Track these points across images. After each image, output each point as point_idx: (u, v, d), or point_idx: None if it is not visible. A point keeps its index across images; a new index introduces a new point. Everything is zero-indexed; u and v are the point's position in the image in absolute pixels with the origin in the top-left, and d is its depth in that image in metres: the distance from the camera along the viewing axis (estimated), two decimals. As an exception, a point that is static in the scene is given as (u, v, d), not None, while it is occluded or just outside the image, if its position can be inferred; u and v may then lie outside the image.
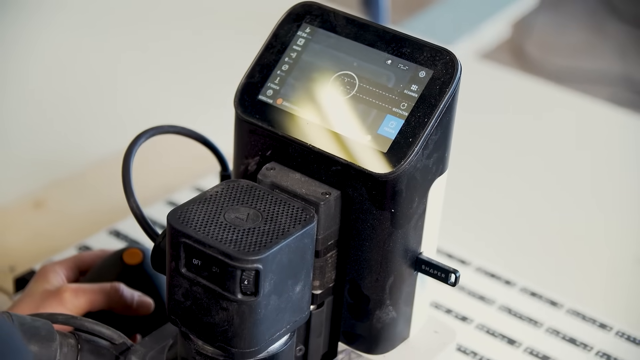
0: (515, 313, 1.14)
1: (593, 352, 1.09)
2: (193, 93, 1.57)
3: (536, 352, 1.08)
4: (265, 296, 0.77)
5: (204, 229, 0.77)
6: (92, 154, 1.40)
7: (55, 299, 0.93)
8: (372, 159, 0.82)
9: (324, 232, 0.84)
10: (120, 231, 1.22)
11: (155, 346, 0.87)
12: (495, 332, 1.11)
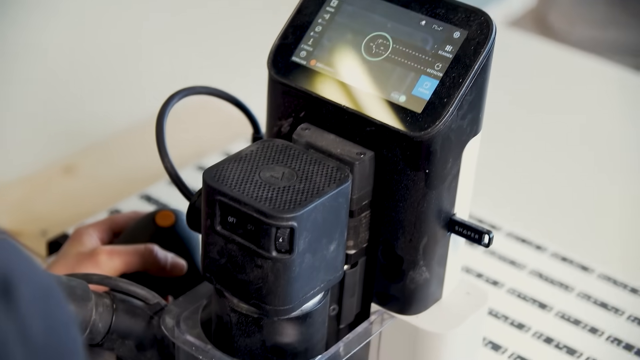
0: (546, 278, 1.14)
1: (624, 316, 1.09)
2: (221, 58, 1.57)
3: (567, 316, 1.09)
4: (299, 254, 0.77)
5: (240, 187, 0.78)
6: (121, 121, 1.41)
7: (90, 261, 0.94)
8: (406, 119, 0.83)
9: (359, 192, 0.84)
10: (151, 195, 1.23)
11: (189, 306, 0.88)
12: (527, 297, 1.11)
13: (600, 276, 1.15)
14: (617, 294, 1.12)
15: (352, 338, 0.87)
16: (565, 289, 1.13)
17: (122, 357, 0.89)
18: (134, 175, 1.30)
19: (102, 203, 1.23)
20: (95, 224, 1.00)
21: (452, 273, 0.90)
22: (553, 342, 1.06)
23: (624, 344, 1.06)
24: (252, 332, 0.83)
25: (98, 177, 1.30)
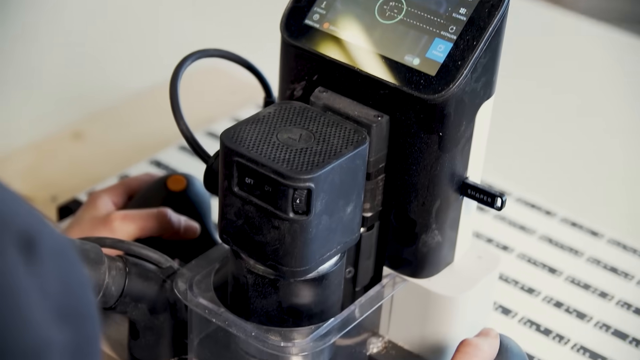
0: (556, 243, 1.15)
1: (634, 281, 1.10)
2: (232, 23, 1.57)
3: (577, 280, 1.10)
4: (316, 215, 0.78)
5: (257, 148, 0.79)
6: (129, 87, 1.41)
7: (105, 227, 0.94)
8: (420, 82, 0.83)
9: (375, 155, 0.85)
10: (160, 161, 1.24)
11: (201, 270, 0.89)
12: (536, 262, 1.12)
13: (610, 241, 1.15)
14: (627, 259, 1.13)
15: (365, 301, 0.87)
16: (575, 254, 1.14)
17: (135, 321, 0.89)
18: (143, 141, 1.30)
19: (112, 169, 1.23)
20: (109, 189, 1.01)
21: (464, 237, 0.91)
22: (563, 306, 1.06)
23: (634, 308, 1.07)
24: (268, 293, 0.83)
25: (107, 143, 1.30)
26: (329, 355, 0.89)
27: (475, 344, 0.82)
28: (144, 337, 0.90)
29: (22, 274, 0.49)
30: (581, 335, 1.03)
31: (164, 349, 0.91)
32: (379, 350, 0.93)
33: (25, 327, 0.49)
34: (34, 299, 0.49)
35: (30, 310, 0.49)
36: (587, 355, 1.00)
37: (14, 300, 0.48)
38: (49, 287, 0.50)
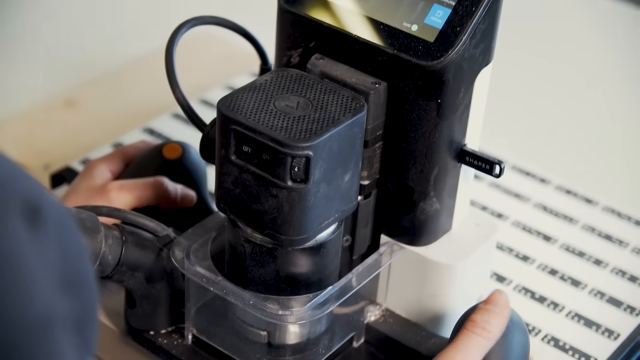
0: (550, 210, 1.14)
1: (629, 248, 1.10)
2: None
3: (572, 248, 1.09)
4: (315, 184, 0.77)
5: (255, 116, 0.78)
6: (121, 55, 1.40)
7: (101, 197, 0.93)
8: (418, 49, 0.82)
9: (373, 122, 0.84)
10: (154, 129, 1.23)
11: (198, 239, 0.88)
12: (531, 229, 1.11)
13: (605, 208, 1.15)
14: (622, 226, 1.13)
15: (362, 269, 0.87)
16: (569, 221, 1.13)
17: (132, 290, 0.89)
18: (136, 109, 1.29)
19: (105, 137, 1.22)
20: (106, 157, 1.00)
21: (461, 204, 0.90)
22: (557, 273, 1.06)
23: (629, 276, 1.06)
24: (266, 262, 0.83)
25: (99, 111, 1.29)
26: (326, 323, 0.88)
27: (482, 325, 0.80)
28: (141, 306, 0.89)
29: (26, 242, 0.48)
30: (576, 303, 1.03)
31: (161, 317, 0.90)
32: (376, 318, 0.92)
33: (29, 297, 0.48)
34: (37, 267, 0.49)
35: (34, 279, 0.48)
36: (582, 323, 1.00)
37: (18, 269, 0.48)
38: (51, 256, 0.50)
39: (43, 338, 0.48)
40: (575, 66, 1.45)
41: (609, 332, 0.99)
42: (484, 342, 0.79)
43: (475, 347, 0.79)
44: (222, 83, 1.31)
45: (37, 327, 0.48)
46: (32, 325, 0.48)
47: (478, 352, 0.79)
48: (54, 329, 0.49)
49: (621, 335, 0.99)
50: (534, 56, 1.46)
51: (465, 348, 0.79)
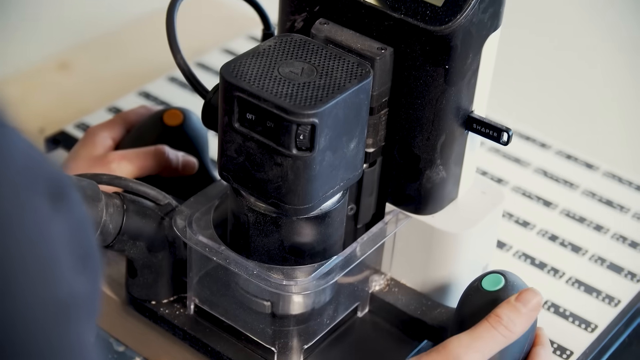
0: (551, 175, 1.12)
1: (630, 214, 1.08)
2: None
3: (572, 213, 1.08)
4: (320, 152, 0.75)
5: (259, 82, 0.75)
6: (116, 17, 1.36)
7: (102, 168, 0.91)
8: (426, 13, 0.79)
9: (379, 89, 0.81)
10: (150, 92, 1.20)
11: (200, 207, 0.85)
12: (531, 195, 1.10)
13: (606, 174, 1.13)
14: (622, 192, 1.11)
15: (368, 238, 0.84)
16: (570, 187, 1.11)
17: (133, 259, 0.86)
18: (131, 72, 1.26)
19: (100, 100, 1.20)
20: (107, 124, 0.97)
21: (468, 172, 0.88)
22: (558, 239, 1.04)
23: (630, 242, 1.05)
24: (270, 232, 0.80)
25: (94, 74, 1.26)
26: (330, 293, 0.86)
27: (506, 323, 0.76)
28: (142, 276, 0.87)
29: (51, 222, 0.47)
30: (576, 269, 1.01)
31: (162, 287, 0.88)
32: (381, 287, 0.90)
33: (56, 278, 0.47)
34: (61, 248, 0.47)
35: (59, 260, 0.47)
36: (582, 289, 0.99)
37: (45, 251, 0.46)
38: (69, 235, 0.49)
39: (67, 319, 0.47)
40: (578, 31, 1.42)
41: (609, 298, 0.98)
42: (502, 341, 0.76)
43: (493, 343, 0.76)
44: (219, 46, 1.28)
45: (62, 308, 0.47)
46: (58, 307, 0.47)
47: (494, 349, 0.76)
48: (77, 309, 0.48)
49: (622, 301, 0.98)
50: (533, 21, 1.43)
51: (482, 341, 0.75)
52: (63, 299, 0.47)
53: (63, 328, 0.47)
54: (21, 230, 0.45)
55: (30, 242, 0.46)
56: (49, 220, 0.47)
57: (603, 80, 1.33)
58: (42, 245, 0.46)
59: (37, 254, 0.46)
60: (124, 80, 1.24)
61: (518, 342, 0.79)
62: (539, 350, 0.79)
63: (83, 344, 0.49)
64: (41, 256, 0.46)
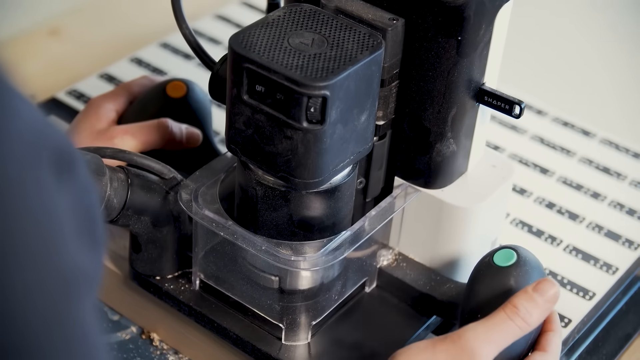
0: (547, 143, 1.11)
1: (627, 181, 1.07)
2: None
3: (569, 181, 1.06)
4: (331, 125, 0.72)
5: (268, 53, 0.72)
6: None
7: (106, 143, 0.89)
8: (438, -17, 0.76)
9: (390, 60, 0.78)
10: (142, 59, 1.17)
11: (205, 181, 0.83)
12: (528, 162, 1.08)
13: (603, 141, 1.11)
14: (619, 159, 1.10)
15: (377, 213, 0.82)
16: (567, 154, 1.09)
17: (137, 234, 0.84)
18: (122, 38, 1.23)
19: (91, 67, 1.17)
20: (110, 95, 0.94)
21: (477, 145, 0.86)
22: (555, 207, 1.03)
23: (627, 209, 1.04)
24: (279, 206, 0.78)
25: (85, 40, 1.23)
26: (339, 268, 0.83)
27: (523, 315, 0.73)
28: (147, 251, 0.84)
29: (56, 193, 0.45)
30: (574, 237, 1.00)
31: (167, 262, 0.85)
32: (389, 262, 0.88)
33: (60, 253, 0.45)
34: (66, 221, 0.46)
35: (64, 234, 0.45)
36: (580, 257, 0.98)
37: (50, 223, 0.45)
38: (76, 208, 0.47)
39: (69, 293, 0.46)
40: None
41: (607, 266, 0.97)
42: (517, 332, 0.74)
43: (508, 334, 0.73)
44: (213, 12, 1.24)
45: (65, 282, 0.45)
46: (60, 281, 0.45)
47: (508, 340, 0.73)
48: (79, 283, 0.46)
49: (619, 269, 0.97)
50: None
51: (498, 332, 0.73)
52: (66, 273, 0.45)
53: (65, 303, 0.45)
54: (25, 203, 0.43)
55: (34, 215, 0.44)
56: (53, 191, 0.45)
57: (600, 47, 1.30)
58: (45, 218, 0.44)
59: (40, 227, 0.44)
60: (116, 46, 1.21)
61: None
62: (550, 336, 0.77)
63: (84, 318, 0.47)
64: (44, 229, 0.44)
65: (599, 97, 1.21)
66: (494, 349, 0.72)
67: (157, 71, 1.15)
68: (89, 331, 0.47)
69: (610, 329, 0.92)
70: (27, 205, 0.43)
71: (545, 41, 1.29)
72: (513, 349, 0.76)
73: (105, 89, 1.12)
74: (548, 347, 0.76)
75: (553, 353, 0.76)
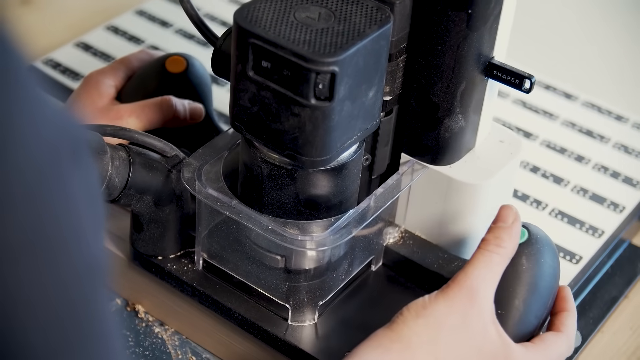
0: (530, 106, 1.08)
1: (610, 144, 1.05)
2: None
3: (553, 144, 1.05)
4: (339, 101, 0.69)
5: (275, 28, 0.69)
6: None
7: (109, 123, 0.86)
8: (447, -46, 0.72)
9: (398, 34, 0.75)
10: (118, 27, 1.14)
11: (209, 159, 0.79)
12: (511, 126, 1.06)
13: (585, 104, 1.09)
14: (602, 121, 1.08)
15: (384, 190, 0.78)
16: (549, 117, 1.07)
17: (139, 214, 0.80)
18: (96, 6, 1.20)
19: (65, 35, 1.13)
20: (109, 70, 0.90)
21: (485, 121, 0.82)
22: (539, 170, 1.01)
23: (611, 172, 1.02)
24: (285, 184, 0.74)
25: (57, 8, 1.19)
26: (345, 246, 0.80)
27: (495, 242, 0.73)
28: (149, 231, 0.81)
29: (76, 186, 0.43)
30: (559, 200, 0.98)
31: (169, 242, 0.82)
32: (395, 240, 0.84)
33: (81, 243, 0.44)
34: (83, 212, 0.44)
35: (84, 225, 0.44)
36: (566, 221, 0.96)
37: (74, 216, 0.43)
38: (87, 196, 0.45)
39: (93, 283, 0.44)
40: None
41: (593, 229, 0.95)
42: (499, 259, 0.73)
43: (492, 264, 0.73)
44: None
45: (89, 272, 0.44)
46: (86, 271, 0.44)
47: (496, 269, 0.73)
48: (99, 272, 0.45)
49: (605, 232, 0.95)
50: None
51: (482, 265, 0.73)
52: (89, 263, 0.44)
53: (90, 293, 0.44)
54: (55, 195, 0.42)
55: (62, 205, 0.42)
56: (74, 181, 0.43)
57: (580, 10, 1.26)
58: (72, 209, 0.43)
59: (68, 217, 0.43)
60: (89, 14, 1.18)
61: (541, 296, 0.74)
62: (564, 316, 0.75)
63: (104, 307, 0.46)
64: (71, 220, 0.43)
65: (580, 60, 1.17)
66: (491, 283, 0.72)
67: (134, 39, 1.12)
68: (108, 320, 0.46)
69: (597, 292, 0.91)
70: (57, 197, 0.42)
71: (524, 5, 1.25)
72: (524, 328, 0.74)
73: (82, 58, 1.09)
74: (562, 327, 0.74)
75: (568, 334, 0.74)
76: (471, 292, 0.71)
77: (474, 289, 0.71)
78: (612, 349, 0.87)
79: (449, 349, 0.70)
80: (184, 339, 0.85)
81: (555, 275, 0.77)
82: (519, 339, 0.74)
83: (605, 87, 1.13)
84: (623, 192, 0.98)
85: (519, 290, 0.74)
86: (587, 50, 1.20)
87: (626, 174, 1.01)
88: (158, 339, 0.84)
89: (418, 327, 0.70)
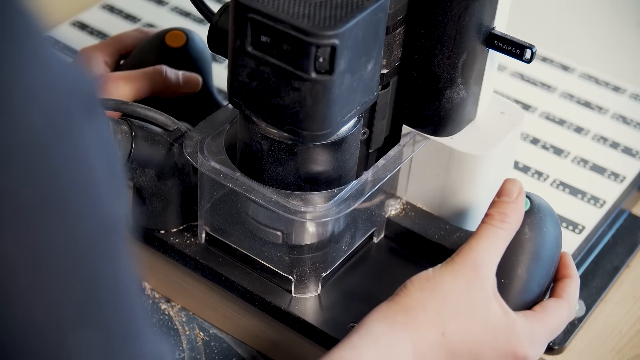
0: (528, 79, 1.05)
1: (608, 115, 1.02)
2: None
3: (552, 116, 1.02)
4: (339, 75, 0.67)
5: (273, 2, 0.66)
6: None
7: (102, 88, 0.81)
8: None
9: (395, 6, 0.73)
10: (114, 5, 1.12)
11: (211, 132, 0.77)
12: (509, 98, 1.02)
13: (582, 75, 1.06)
14: (600, 93, 1.05)
15: (387, 162, 0.76)
16: (547, 89, 1.04)
17: (141, 187, 0.78)
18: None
19: (62, 14, 1.10)
20: (100, 46, 0.88)
21: (486, 92, 0.80)
22: (539, 142, 0.98)
23: (610, 142, 0.99)
24: (285, 159, 0.72)
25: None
26: (347, 218, 0.77)
27: (499, 217, 0.71)
28: (151, 204, 0.78)
29: (91, 144, 0.42)
30: (559, 171, 0.95)
31: (172, 216, 0.80)
32: (396, 212, 0.82)
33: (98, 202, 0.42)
34: (100, 170, 0.43)
35: (100, 184, 0.43)
36: (567, 191, 0.93)
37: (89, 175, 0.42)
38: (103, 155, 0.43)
39: (111, 241, 0.43)
40: None
41: (594, 199, 0.93)
42: (503, 234, 0.72)
43: (496, 238, 0.71)
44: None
45: (107, 230, 0.43)
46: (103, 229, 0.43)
47: (499, 243, 0.71)
48: (116, 232, 0.44)
49: (607, 202, 0.92)
50: None
51: (486, 240, 0.71)
52: (105, 222, 0.43)
53: (108, 252, 0.43)
54: (68, 152, 0.40)
55: (77, 164, 0.41)
56: (88, 138, 0.42)
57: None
58: (87, 167, 0.42)
59: (83, 176, 0.41)
60: None
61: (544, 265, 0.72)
62: (566, 283, 0.74)
63: (123, 271, 0.45)
64: (87, 178, 0.42)
65: (576, 32, 1.13)
66: (494, 257, 0.70)
67: (130, 18, 1.10)
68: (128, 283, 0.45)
69: (599, 261, 0.89)
70: (71, 154, 0.41)
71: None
72: (527, 296, 0.71)
73: (79, 37, 1.07)
74: (564, 293, 0.73)
75: (569, 300, 0.72)
76: (475, 265, 0.69)
77: (478, 262, 0.70)
78: (616, 317, 0.86)
79: (454, 321, 0.68)
80: (191, 315, 0.82)
81: (557, 244, 0.74)
82: (521, 307, 0.72)
83: (601, 59, 1.10)
84: (623, 163, 0.96)
85: (522, 259, 0.72)
86: (582, 23, 1.16)
87: (625, 144, 0.98)
88: (165, 315, 0.82)
89: (423, 300, 0.68)
